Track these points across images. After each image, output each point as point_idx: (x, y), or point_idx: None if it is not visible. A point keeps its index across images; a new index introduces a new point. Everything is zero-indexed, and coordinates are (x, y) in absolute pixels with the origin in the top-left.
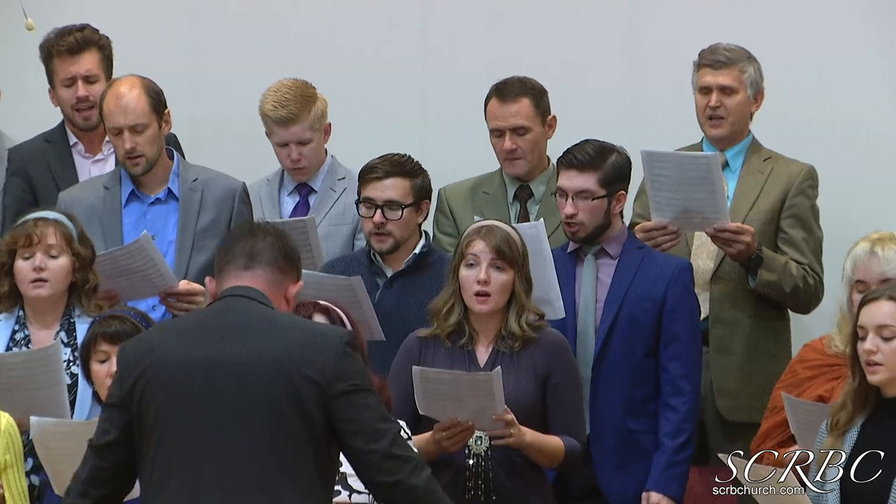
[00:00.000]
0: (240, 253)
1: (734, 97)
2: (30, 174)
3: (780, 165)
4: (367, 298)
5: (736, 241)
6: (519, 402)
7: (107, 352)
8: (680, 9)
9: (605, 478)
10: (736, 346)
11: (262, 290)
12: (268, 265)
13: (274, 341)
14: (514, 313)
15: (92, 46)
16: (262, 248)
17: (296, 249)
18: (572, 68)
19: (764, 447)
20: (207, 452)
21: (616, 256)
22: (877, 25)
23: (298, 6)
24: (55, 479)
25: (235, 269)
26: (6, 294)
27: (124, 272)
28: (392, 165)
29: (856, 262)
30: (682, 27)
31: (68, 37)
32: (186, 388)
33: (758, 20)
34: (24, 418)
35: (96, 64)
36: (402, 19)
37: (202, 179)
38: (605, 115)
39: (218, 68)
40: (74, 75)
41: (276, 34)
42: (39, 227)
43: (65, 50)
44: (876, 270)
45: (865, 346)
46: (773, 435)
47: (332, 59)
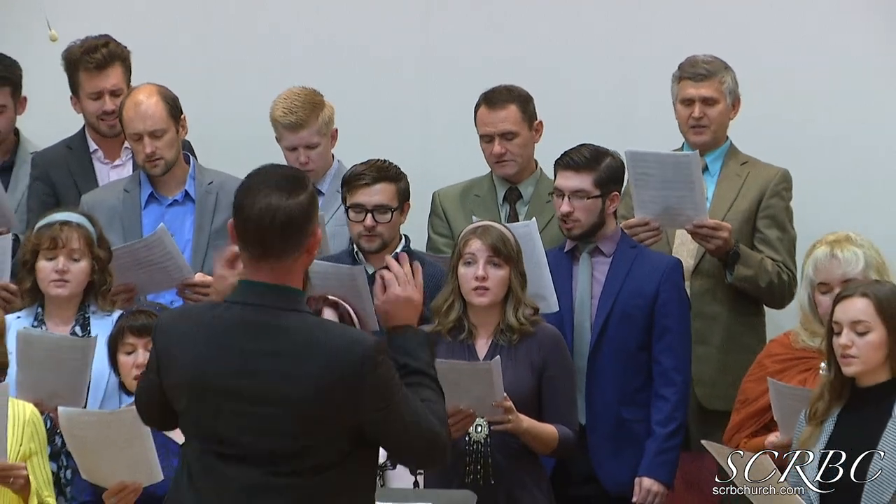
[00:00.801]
0: (253, 239)
1: (716, 107)
2: (52, 178)
3: (756, 169)
4: (367, 288)
5: (714, 237)
6: (516, 393)
7: (133, 344)
8: (667, 21)
9: (600, 464)
10: (714, 338)
11: (280, 278)
12: (282, 252)
13: (297, 370)
14: (512, 307)
15: (116, 61)
16: (270, 236)
17: (305, 204)
18: (567, 73)
19: (737, 438)
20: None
21: (610, 255)
22: (844, 37)
23: (305, 15)
24: (82, 465)
25: (250, 256)
26: (27, 290)
27: (143, 265)
28: (378, 171)
29: (816, 264)
30: (670, 38)
31: (95, 53)
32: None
33: (735, 32)
34: (44, 399)
35: (121, 78)
36: (404, 27)
37: (217, 182)
38: (598, 119)
39: (228, 75)
40: (102, 90)
41: (284, 42)
42: (65, 232)
43: (93, 66)
44: (837, 272)
45: (841, 341)
46: (745, 426)
47: (335, 65)
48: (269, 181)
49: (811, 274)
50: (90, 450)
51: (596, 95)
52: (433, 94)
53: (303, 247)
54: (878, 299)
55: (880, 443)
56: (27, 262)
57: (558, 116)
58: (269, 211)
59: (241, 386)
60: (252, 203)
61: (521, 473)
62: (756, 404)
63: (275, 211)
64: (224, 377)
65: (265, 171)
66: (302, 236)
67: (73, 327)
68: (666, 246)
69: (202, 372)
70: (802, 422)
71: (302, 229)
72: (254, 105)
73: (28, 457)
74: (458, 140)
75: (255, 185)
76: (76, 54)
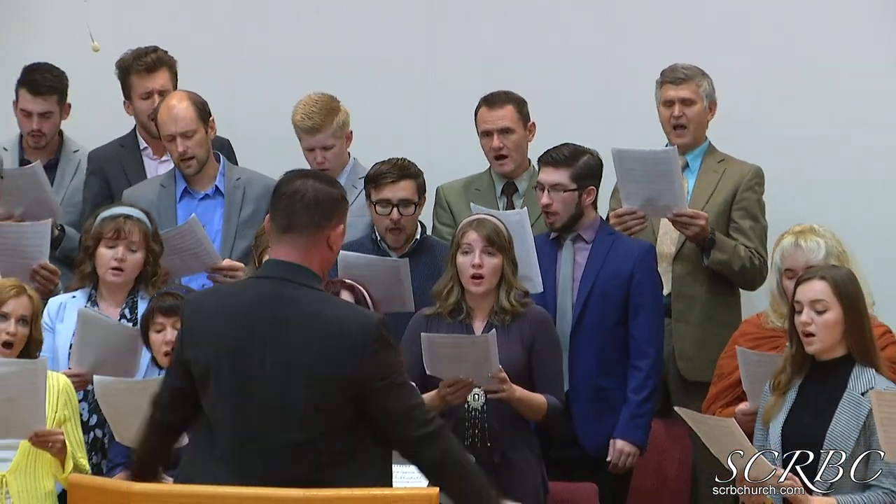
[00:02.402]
0: (282, 213)
1: (693, 107)
2: (106, 173)
3: (731, 166)
4: (409, 278)
5: (692, 224)
6: (509, 366)
7: (162, 323)
8: (648, 33)
9: (581, 427)
10: (693, 317)
11: (298, 256)
12: (304, 228)
13: (308, 343)
14: (504, 291)
15: (164, 66)
16: (300, 209)
17: (336, 197)
18: (559, 79)
19: (713, 408)
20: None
21: (590, 241)
22: (811, 47)
23: (320, 28)
24: (116, 429)
25: (276, 229)
26: (87, 273)
27: (176, 250)
28: (401, 169)
29: (783, 253)
30: (651, 48)
31: (145, 57)
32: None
33: (712, 42)
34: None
35: (168, 80)
36: (409, 42)
37: (244, 178)
38: (587, 121)
39: (254, 82)
40: (151, 90)
41: (303, 53)
42: (127, 225)
43: (143, 69)
44: (801, 259)
45: (801, 319)
46: (720, 397)
47: (349, 73)
48: (312, 174)
49: (778, 261)
50: (122, 415)
51: (585, 100)
52: (436, 98)
53: (324, 229)
54: (834, 282)
55: (836, 412)
56: (89, 248)
57: (550, 118)
58: (303, 188)
59: (255, 351)
60: (291, 183)
61: (514, 437)
62: (730, 378)
63: (307, 189)
64: (241, 343)
65: (309, 170)
66: (324, 218)
67: (122, 309)
68: (651, 234)
69: (222, 338)
70: (767, 392)
71: (326, 212)
72: (277, 109)
73: (63, 423)
74: (459, 139)
75: (299, 175)
76: (128, 61)
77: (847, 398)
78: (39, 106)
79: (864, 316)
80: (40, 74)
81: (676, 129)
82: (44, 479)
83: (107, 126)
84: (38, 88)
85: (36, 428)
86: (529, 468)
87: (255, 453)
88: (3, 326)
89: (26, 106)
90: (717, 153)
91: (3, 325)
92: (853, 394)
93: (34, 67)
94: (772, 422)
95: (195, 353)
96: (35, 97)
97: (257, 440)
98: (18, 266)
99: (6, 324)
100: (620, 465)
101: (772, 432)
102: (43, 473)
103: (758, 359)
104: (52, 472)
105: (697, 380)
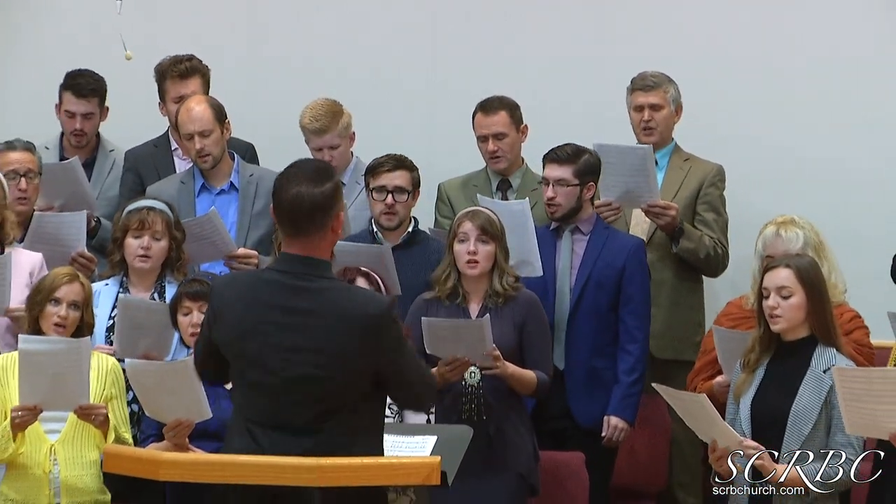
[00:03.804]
0: (287, 223)
1: (661, 112)
2: (140, 171)
3: (696, 164)
4: (393, 263)
5: (664, 215)
6: (501, 345)
7: (189, 307)
8: (627, 46)
9: (575, 403)
10: (663, 300)
11: (309, 251)
12: (310, 231)
13: (322, 326)
14: (497, 276)
15: (197, 73)
16: (302, 218)
17: (329, 193)
18: (550, 85)
19: (696, 381)
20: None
21: (587, 233)
22: (769, 56)
23: (330, 38)
24: (146, 405)
25: (286, 234)
26: (117, 262)
27: (195, 239)
28: (397, 161)
29: (765, 241)
30: (630, 59)
31: (180, 64)
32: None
33: (681, 54)
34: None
35: (199, 87)
36: (413, 54)
37: (256, 174)
38: (573, 123)
39: (267, 87)
40: (183, 94)
41: (315, 62)
42: (150, 216)
43: (177, 75)
44: (781, 248)
45: (768, 303)
46: (703, 371)
47: (356, 79)
48: (301, 173)
49: (761, 248)
50: (152, 393)
51: (571, 105)
52: (438, 103)
53: (327, 227)
54: (798, 269)
55: (800, 388)
56: (117, 239)
57: (541, 120)
58: (299, 198)
59: (280, 337)
60: (286, 191)
61: (508, 410)
62: (712, 354)
63: (303, 198)
64: (266, 329)
65: (299, 164)
66: (326, 218)
67: (151, 294)
68: (624, 225)
69: (248, 326)
70: (738, 370)
71: (326, 213)
72: (288, 111)
73: (110, 399)
74: (459, 139)
75: (290, 176)
76: (165, 66)
77: (810, 375)
78: (82, 107)
79: (825, 300)
80: (83, 79)
81: (646, 131)
82: (89, 450)
83: (141, 129)
84: (81, 91)
85: (80, 401)
86: (521, 438)
87: (272, 426)
88: (55, 310)
89: (70, 107)
90: (683, 152)
91: (56, 309)
92: (816, 371)
93: (77, 73)
94: (742, 397)
95: (220, 336)
96: (78, 99)
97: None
98: (58, 253)
99: (58, 308)
100: (614, 439)
101: (742, 407)
102: (88, 444)
103: (732, 336)
104: (96, 443)
105: (665, 357)
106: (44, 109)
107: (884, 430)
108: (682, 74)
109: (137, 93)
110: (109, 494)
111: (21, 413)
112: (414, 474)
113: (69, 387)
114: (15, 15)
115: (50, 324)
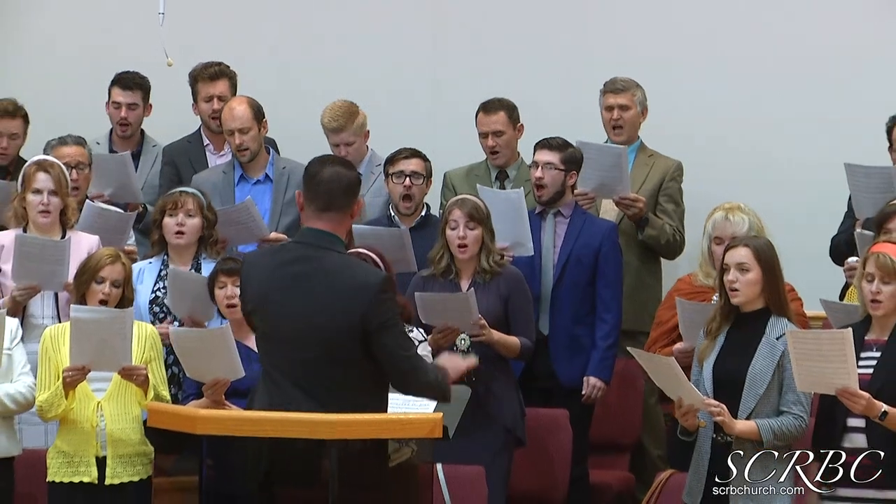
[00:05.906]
0: (322, 196)
1: (628, 112)
2: (176, 164)
3: (658, 160)
4: (411, 245)
5: (633, 206)
6: (488, 315)
7: (224, 281)
8: (607, 55)
9: (558, 365)
10: (628, 279)
11: (333, 228)
12: (340, 208)
13: (325, 293)
14: (485, 255)
15: (224, 76)
16: (336, 192)
17: (358, 180)
18: (542, 89)
19: (653, 349)
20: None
21: (568, 217)
22: (727, 60)
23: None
24: (187, 367)
25: (315, 209)
26: (157, 241)
27: (233, 223)
28: (413, 151)
29: (714, 224)
30: (616, 63)
31: (210, 68)
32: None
33: (647, 61)
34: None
35: (227, 89)
36: (416, 60)
37: (288, 167)
38: (563, 123)
39: (295, 90)
40: (212, 95)
41: (333, 68)
42: (183, 197)
43: (207, 77)
44: (729, 231)
45: (728, 278)
46: (659, 341)
47: (370, 81)
48: (335, 159)
49: (710, 230)
50: (193, 356)
51: (560, 107)
52: (443, 102)
53: (351, 207)
54: (755, 248)
55: (755, 353)
56: (156, 221)
57: (535, 120)
58: (338, 175)
59: (288, 299)
60: (324, 169)
61: (495, 372)
62: (667, 325)
63: (342, 176)
64: (278, 294)
65: (330, 155)
66: (352, 200)
67: (190, 269)
68: (595, 213)
69: (265, 291)
70: (702, 337)
71: (355, 194)
72: (312, 111)
73: (149, 361)
74: (462, 134)
75: (324, 160)
76: (197, 70)
77: (765, 342)
78: (128, 98)
79: (778, 277)
80: (128, 75)
81: (615, 129)
82: (132, 406)
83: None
84: (126, 84)
85: (124, 363)
86: (508, 397)
87: (290, 383)
88: (100, 288)
89: (117, 98)
90: (647, 149)
91: (100, 287)
92: (769, 338)
93: (124, 72)
94: (705, 361)
95: (248, 304)
96: (124, 91)
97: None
98: (105, 242)
99: (102, 285)
100: (593, 397)
101: (705, 369)
102: (131, 402)
103: (692, 307)
104: (138, 400)
105: (628, 328)
106: (94, 110)
107: (831, 387)
108: (651, 80)
109: (175, 96)
110: (152, 447)
111: (72, 373)
112: (419, 428)
113: (114, 350)
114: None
115: (96, 300)
